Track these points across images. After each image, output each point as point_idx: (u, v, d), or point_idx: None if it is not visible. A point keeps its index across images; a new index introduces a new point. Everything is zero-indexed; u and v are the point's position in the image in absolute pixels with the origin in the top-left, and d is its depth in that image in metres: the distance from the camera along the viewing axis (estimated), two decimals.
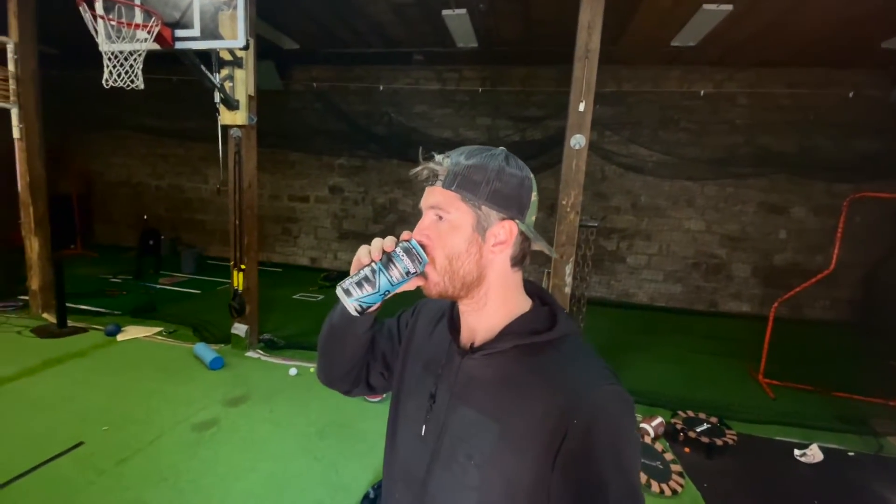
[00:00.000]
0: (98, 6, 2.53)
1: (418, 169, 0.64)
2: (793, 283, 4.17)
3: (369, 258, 0.64)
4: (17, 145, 4.02)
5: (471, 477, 0.61)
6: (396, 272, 0.62)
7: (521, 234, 0.64)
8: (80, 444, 2.41)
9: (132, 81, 2.64)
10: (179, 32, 2.67)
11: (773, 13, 3.92)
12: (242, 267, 3.68)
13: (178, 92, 6.32)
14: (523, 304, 0.67)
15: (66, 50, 6.15)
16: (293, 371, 3.43)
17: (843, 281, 5.22)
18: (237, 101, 3.21)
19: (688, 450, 2.69)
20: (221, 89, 3.11)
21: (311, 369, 3.45)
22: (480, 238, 0.62)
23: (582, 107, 2.80)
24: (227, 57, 3.14)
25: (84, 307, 4.51)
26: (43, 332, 3.83)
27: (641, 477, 1.99)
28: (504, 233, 0.63)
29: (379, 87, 6.33)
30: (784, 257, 5.72)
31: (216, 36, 2.68)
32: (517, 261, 0.66)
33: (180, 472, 2.26)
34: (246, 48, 2.75)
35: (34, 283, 4.22)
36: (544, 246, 0.67)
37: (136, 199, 7.77)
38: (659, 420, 2.80)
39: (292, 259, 7.35)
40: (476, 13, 4.33)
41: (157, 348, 3.76)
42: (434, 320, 0.78)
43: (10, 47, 3.83)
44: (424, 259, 0.63)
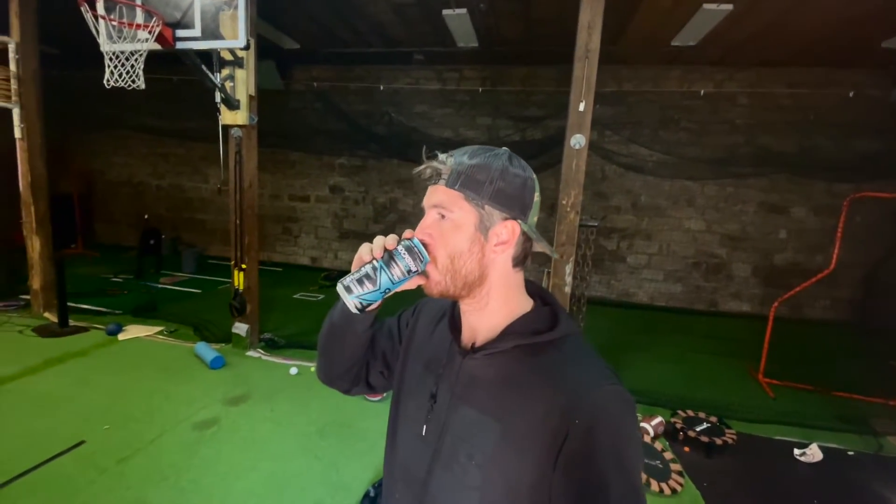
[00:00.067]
0: (99, 6, 2.54)
1: (421, 168, 0.64)
2: (793, 283, 4.18)
3: (371, 256, 0.63)
4: (18, 145, 4.03)
5: (472, 477, 0.60)
6: (398, 270, 0.61)
7: (523, 234, 0.64)
8: (81, 442, 2.42)
9: (133, 81, 2.65)
10: (180, 32, 2.67)
11: (773, 13, 3.92)
12: (243, 266, 3.69)
13: (179, 92, 6.32)
14: (525, 305, 0.67)
15: (67, 50, 6.15)
16: (294, 370, 3.44)
17: (843, 281, 5.23)
18: (238, 101, 3.21)
19: (687, 449, 2.69)
20: (222, 89, 3.12)
21: (312, 368, 3.45)
22: (483, 237, 0.62)
23: (582, 106, 2.80)
24: (228, 57, 3.14)
25: (85, 306, 4.52)
26: (44, 331, 3.83)
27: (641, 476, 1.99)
28: (506, 232, 0.62)
29: (379, 87, 6.33)
30: (784, 257, 5.72)
31: (217, 36, 2.68)
32: (519, 261, 0.65)
33: (181, 470, 2.27)
34: (247, 48, 2.76)
35: (35, 283, 4.23)
36: (546, 247, 0.66)
37: (136, 199, 7.78)
38: (659, 419, 2.81)
39: (293, 258, 7.35)
40: (476, 13, 4.33)
41: (158, 348, 3.76)
42: (435, 320, 0.78)
43: (12, 47, 3.84)
44: (426, 257, 0.62)
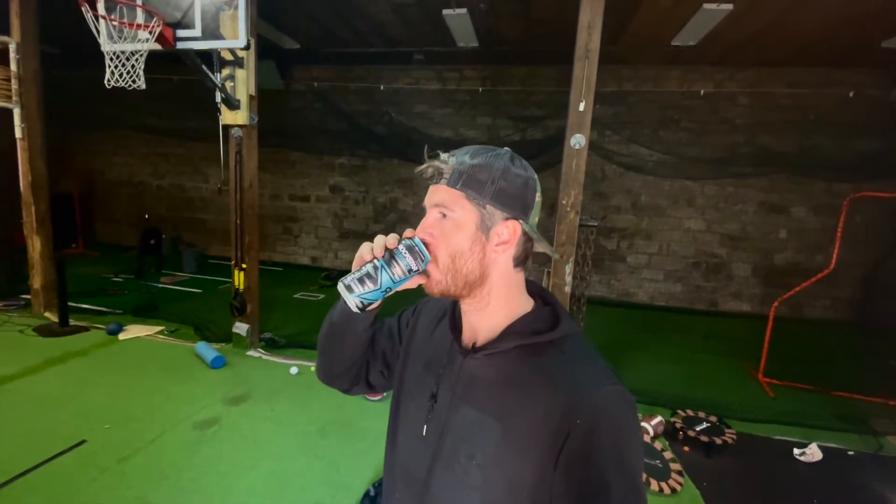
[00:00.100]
0: (100, 6, 2.54)
1: (423, 167, 0.64)
2: (793, 283, 4.18)
3: (372, 255, 0.63)
4: (19, 145, 4.03)
5: (473, 477, 0.60)
6: (399, 269, 0.61)
7: (524, 234, 0.64)
8: (82, 442, 2.43)
9: (134, 81, 2.65)
10: (181, 32, 2.67)
11: (773, 13, 3.92)
12: (243, 266, 3.69)
13: (180, 92, 6.31)
14: (525, 304, 0.67)
15: (67, 50, 6.14)
16: (294, 370, 3.44)
17: (843, 280, 5.22)
18: (238, 101, 3.22)
19: (687, 448, 2.69)
20: (223, 89, 3.12)
21: (312, 368, 3.45)
22: (484, 237, 0.62)
23: (582, 106, 2.80)
24: (229, 57, 3.14)
25: (86, 306, 4.52)
26: (45, 330, 3.84)
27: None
28: (508, 232, 0.62)
29: (379, 87, 6.33)
30: (784, 257, 5.72)
31: (217, 36, 2.68)
32: (520, 261, 0.65)
33: (182, 470, 2.27)
34: (247, 48, 2.76)
35: (36, 283, 4.24)
36: (547, 247, 0.66)
37: (137, 199, 7.78)
38: (658, 419, 2.81)
39: (293, 258, 7.36)
40: (476, 13, 4.33)
41: (159, 347, 3.77)
42: (435, 319, 0.78)
43: (12, 47, 3.84)
44: (427, 257, 0.62)
